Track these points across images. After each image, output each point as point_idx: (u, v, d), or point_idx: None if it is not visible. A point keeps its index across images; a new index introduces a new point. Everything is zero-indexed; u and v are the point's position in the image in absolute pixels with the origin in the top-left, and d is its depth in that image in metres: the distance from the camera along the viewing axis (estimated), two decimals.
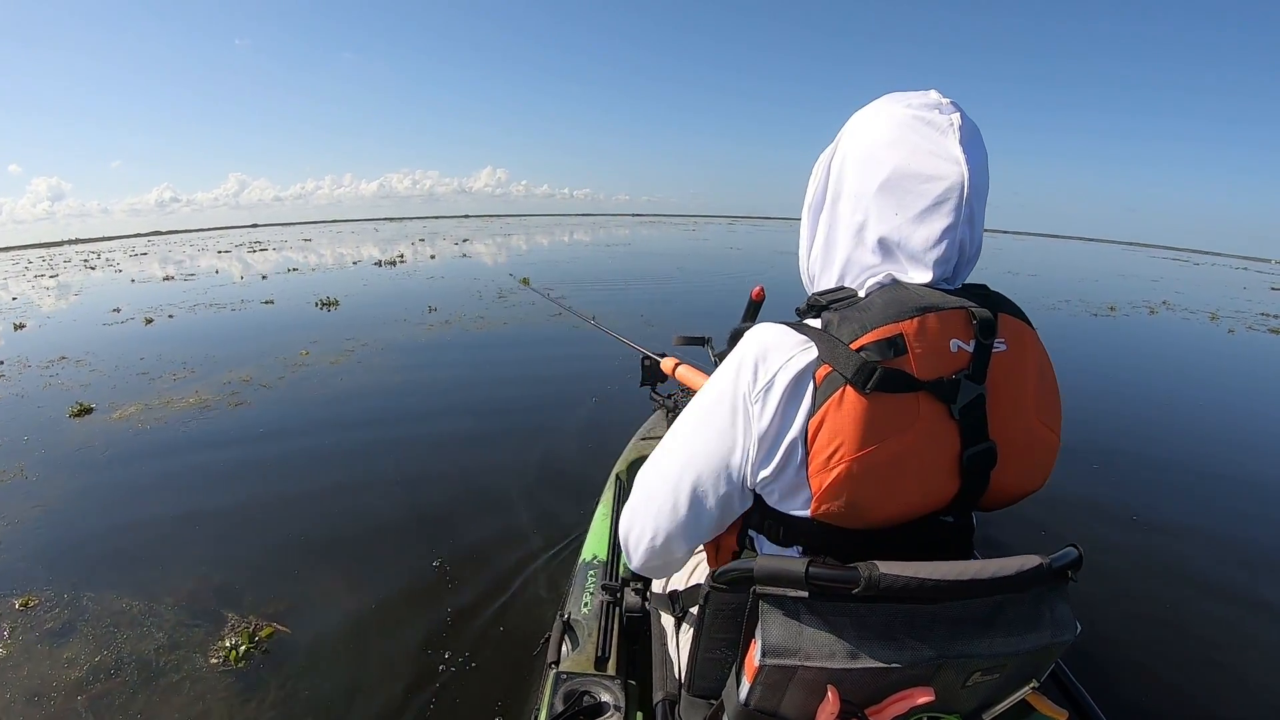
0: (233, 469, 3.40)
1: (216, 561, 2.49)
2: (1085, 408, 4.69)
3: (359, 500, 3.00)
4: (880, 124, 0.76)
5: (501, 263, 17.92)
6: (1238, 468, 3.81)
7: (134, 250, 35.18)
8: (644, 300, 9.54)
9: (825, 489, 0.69)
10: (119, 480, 3.33)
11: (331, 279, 13.34)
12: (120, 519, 2.91)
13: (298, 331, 7.19)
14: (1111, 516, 3.08)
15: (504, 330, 7.19)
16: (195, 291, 11.59)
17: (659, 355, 1.68)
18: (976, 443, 0.70)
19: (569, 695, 1.12)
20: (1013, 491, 0.76)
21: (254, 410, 4.37)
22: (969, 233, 0.73)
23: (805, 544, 0.77)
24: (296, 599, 2.26)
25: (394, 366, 5.53)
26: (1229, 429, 4.66)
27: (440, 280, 12.70)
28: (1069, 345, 7.22)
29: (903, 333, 0.68)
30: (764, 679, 0.68)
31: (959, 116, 0.73)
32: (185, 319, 8.45)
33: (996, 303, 0.75)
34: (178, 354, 6.13)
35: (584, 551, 1.69)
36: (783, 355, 0.72)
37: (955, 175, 0.70)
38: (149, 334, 7.45)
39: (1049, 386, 0.76)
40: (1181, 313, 11.19)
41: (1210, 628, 2.27)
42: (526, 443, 3.68)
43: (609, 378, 4.99)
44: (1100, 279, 18.82)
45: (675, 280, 12.68)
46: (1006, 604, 0.70)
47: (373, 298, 10.17)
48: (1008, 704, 0.75)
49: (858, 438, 0.67)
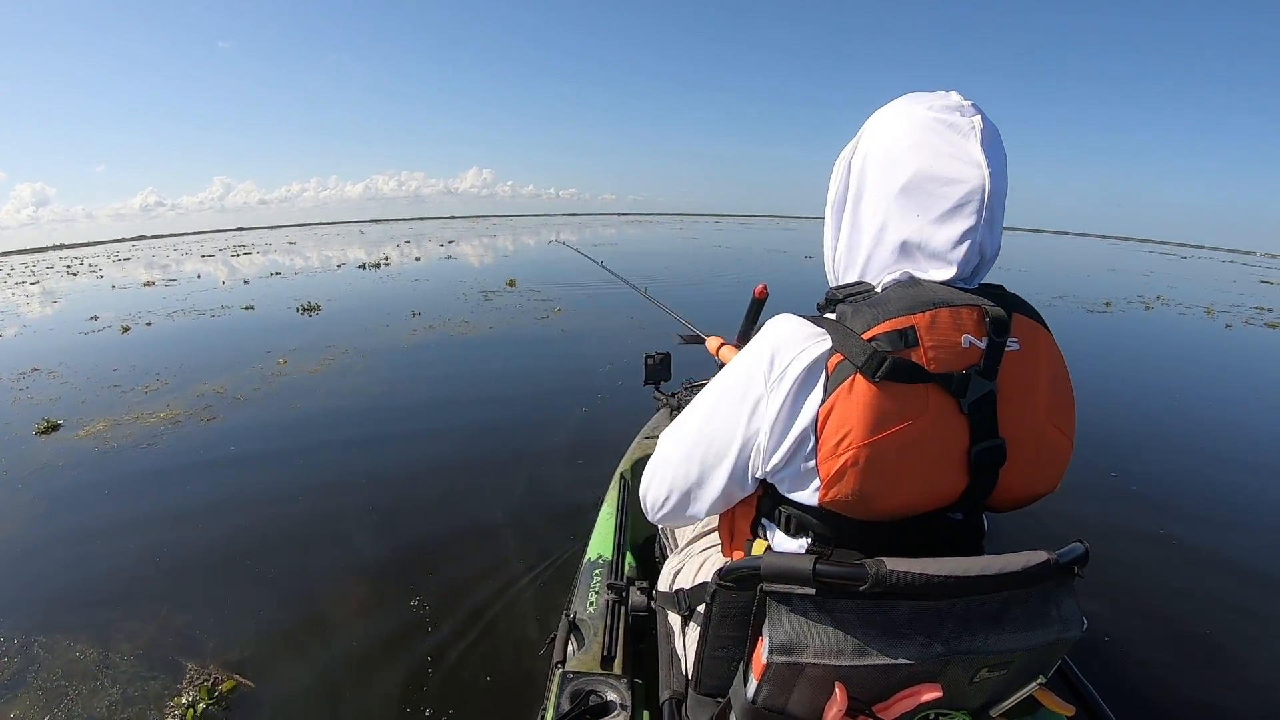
0: (200, 494, 3.20)
1: (178, 600, 2.33)
2: (1089, 404, 4.57)
3: (333, 530, 2.80)
4: (902, 126, 0.76)
5: (488, 264, 17.62)
6: (1239, 463, 3.83)
7: (118, 255, 34.20)
8: (631, 302, 9.12)
9: (833, 475, 0.69)
10: (80, 506, 3.13)
11: (315, 283, 12.99)
12: (79, 551, 2.72)
13: (277, 338, 6.98)
14: (1119, 512, 3.08)
15: (489, 335, 6.93)
16: (176, 297, 11.28)
17: (705, 335, 1.68)
18: (986, 439, 0.70)
19: (575, 694, 1.12)
20: (1022, 493, 0.76)
21: (226, 426, 4.16)
22: (989, 235, 0.74)
23: (814, 536, 0.77)
24: (261, 645, 2.09)
25: (373, 377, 5.27)
26: (1233, 425, 4.66)
27: (425, 283, 12.34)
28: (1066, 341, 6.95)
29: (915, 325, 0.69)
30: (771, 676, 0.69)
31: (980, 119, 0.73)
32: (163, 327, 8.20)
33: (1012, 303, 0.75)
34: (152, 364, 5.91)
35: (589, 551, 1.66)
36: (797, 345, 0.73)
37: (977, 179, 0.71)
38: (125, 343, 7.22)
39: (1063, 391, 0.76)
40: (1177, 308, 11.12)
41: (1217, 623, 2.26)
42: (511, 464, 3.45)
43: (598, 388, 4.79)
44: (1091, 274, 18.88)
45: (663, 277, 12.38)
46: (1013, 600, 0.70)
47: (355, 302, 9.89)
48: (1015, 700, 0.75)
49: (866, 425, 0.67)
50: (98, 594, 2.41)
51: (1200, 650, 2.14)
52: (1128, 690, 1.92)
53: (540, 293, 10.16)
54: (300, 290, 11.31)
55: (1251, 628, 2.26)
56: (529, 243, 30.26)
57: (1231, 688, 1.98)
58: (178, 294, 11.90)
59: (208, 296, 11.16)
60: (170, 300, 10.85)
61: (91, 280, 17.41)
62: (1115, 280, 16.91)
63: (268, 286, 12.62)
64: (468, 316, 8.05)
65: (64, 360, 6.32)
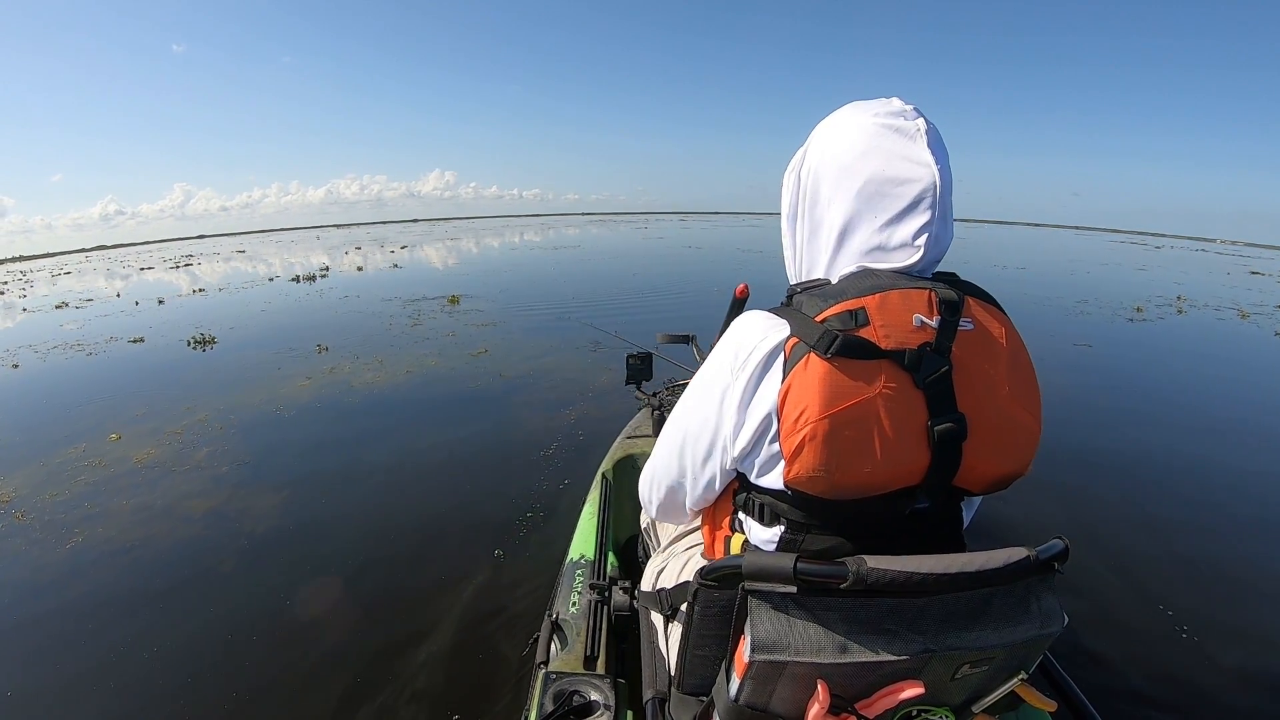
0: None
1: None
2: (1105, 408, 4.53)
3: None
4: (850, 134, 0.80)
5: (435, 274, 15.90)
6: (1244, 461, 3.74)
7: (62, 269, 32.87)
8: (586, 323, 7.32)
9: (794, 451, 0.70)
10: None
11: (231, 302, 11.53)
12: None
13: (136, 392, 5.56)
14: (1100, 507, 3.07)
15: (398, 387, 5.23)
16: (75, 324, 9.92)
17: (689, 335, 1.72)
18: (945, 414, 0.71)
19: (559, 695, 1.12)
20: (989, 472, 0.75)
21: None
22: (943, 228, 0.77)
23: (787, 523, 0.78)
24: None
25: (212, 475, 3.60)
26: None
27: (353, 301, 10.63)
28: (1136, 364, 6.31)
29: (865, 306, 0.71)
30: (754, 675, 0.69)
31: (923, 122, 0.78)
32: (29, 368, 6.79)
33: (965, 288, 0.78)
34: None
35: (571, 551, 1.64)
36: (759, 334, 0.76)
37: (928, 177, 0.75)
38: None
39: (1024, 372, 0.77)
40: (1207, 311, 10.14)
41: (1198, 618, 2.25)
42: (413, 612, 2.28)
43: (529, 498, 3.09)
44: (1090, 270, 18.15)
45: (634, 290, 10.97)
46: (994, 596, 0.70)
47: (260, 330, 8.32)
48: (997, 695, 0.75)
49: (822, 400, 0.68)
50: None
51: (1182, 645, 2.13)
52: (1109, 685, 1.93)
53: (483, 313, 8.65)
54: (209, 313, 10.05)
55: (1234, 624, 2.25)
56: (492, 245, 29.06)
57: (1212, 682, 1.98)
58: (82, 318, 10.62)
59: (108, 323, 9.79)
60: (66, 329, 9.50)
61: (8, 300, 15.98)
62: (1119, 277, 16.25)
63: (179, 308, 11.18)
64: (384, 352, 6.45)
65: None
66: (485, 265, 18.28)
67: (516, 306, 9.29)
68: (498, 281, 13.05)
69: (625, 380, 2.10)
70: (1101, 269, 18.88)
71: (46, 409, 5.26)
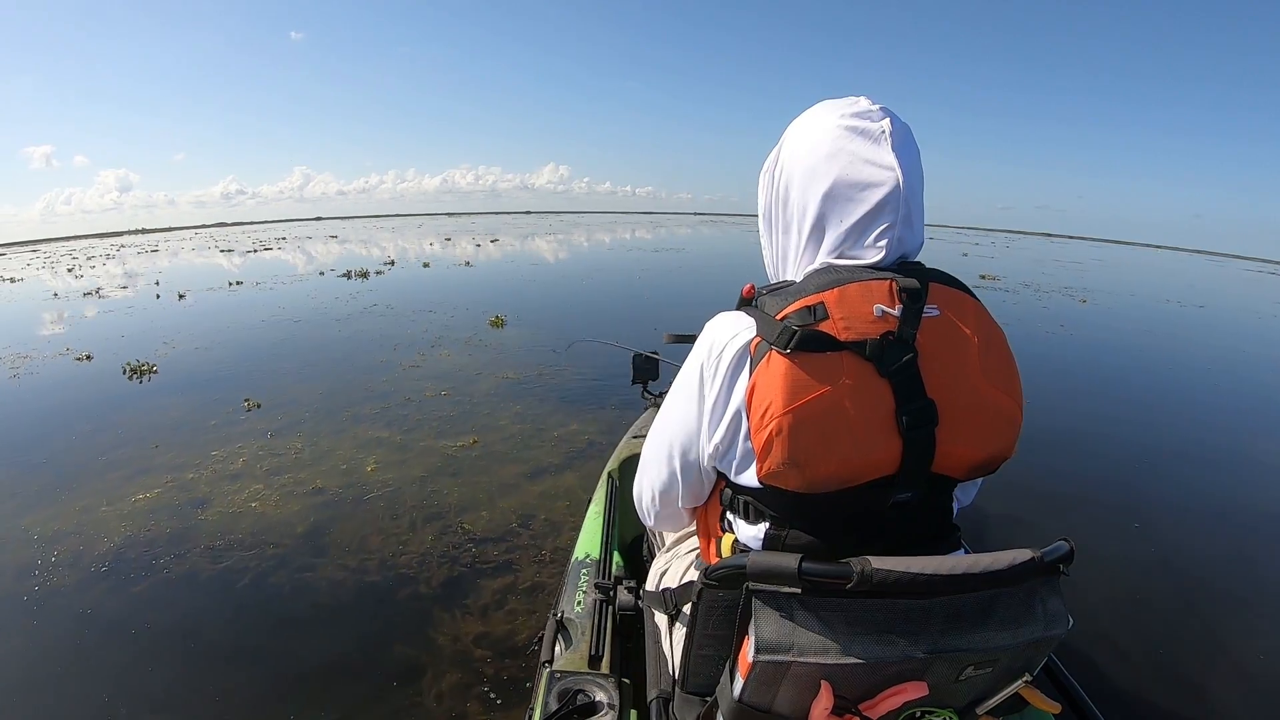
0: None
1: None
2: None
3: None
4: (816, 136, 0.80)
5: (505, 276, 13.81)
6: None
7: (153, 246, 32.46)
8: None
9: (763, 446, 0.71)
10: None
11: (246, 304, 9.73)
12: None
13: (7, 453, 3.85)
14: (1106, 511, 3.00)
15: (293, 517, 2.87)
16: (62, 325, 8.59)
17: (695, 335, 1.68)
18: (913, 401, 0.70)
19: (563, 694, 1.11)
20: (968, 456, 0.74)
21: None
22: (907, 231, 0.78)
23: (770, 520, 0.78)
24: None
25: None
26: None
27: (380, 312, 8.45)
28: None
29: (823, 301, 0.72)
30: (757, 675, 0.69)
31: (889, 122, 0.78)
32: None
33: (930, 275, 0.77)
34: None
35: (576, 550, 1.63)
36: (728, 334, 0.78)
37: (891, 180, 0.75)
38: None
39: (998, 352, 0.76)
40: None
41: (1203, 620, 2.23)
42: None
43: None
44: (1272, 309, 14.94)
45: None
46: (999, 598, 0.70)
47: (215, 358, 6.05)
48: (1001, 697, 0.75)
49: (784, 395, 0.69)
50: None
51: (1187, 647, 2.11)
52: (1115, 687, 1.89)
53: (518, 350, 6.12)
54: (218, 321, 8.42)
55: (1239, 626, 2.23)
56: (589, 243, 26.96)
57: (1217, 684, 1.95)
58: (83, 314, 9.47)
59: (97, 326, 8.34)
60: (45, 330, 8.26)
61: (48, 282, 14.88)
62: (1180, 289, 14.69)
63: (181, 309, 9.60)
64: (332, 420, 4.16)
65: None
66: (564, 270, 15.83)
67: (576, 329, 6.94)
68: (566, 291, 11.25)
69: (631, 380, 2.18)
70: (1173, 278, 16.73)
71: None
